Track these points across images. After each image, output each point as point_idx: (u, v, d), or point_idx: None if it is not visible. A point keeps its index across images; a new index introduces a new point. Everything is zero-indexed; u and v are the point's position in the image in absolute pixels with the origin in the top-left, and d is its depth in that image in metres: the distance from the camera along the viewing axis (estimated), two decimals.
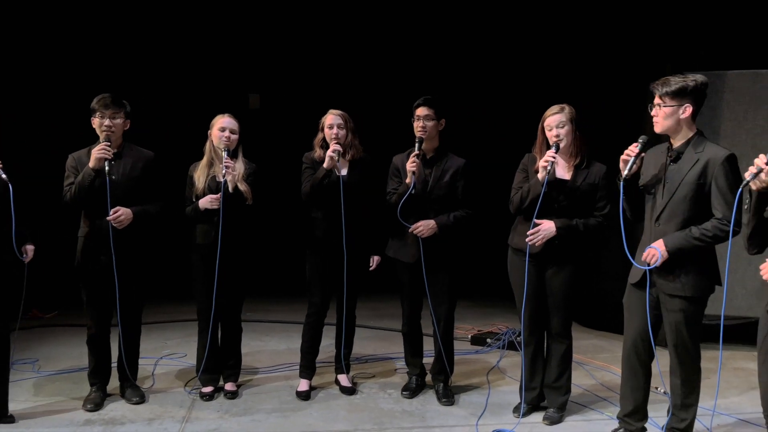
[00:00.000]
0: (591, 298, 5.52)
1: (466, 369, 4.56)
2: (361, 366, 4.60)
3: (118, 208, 3.52)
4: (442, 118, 3.83)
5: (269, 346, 5.16)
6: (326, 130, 3.86)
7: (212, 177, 3.78)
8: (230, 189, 3.68)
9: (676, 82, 2.91)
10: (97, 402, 3.71)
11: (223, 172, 3.67)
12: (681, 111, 2.93)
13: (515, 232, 3.61)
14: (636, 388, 3.15)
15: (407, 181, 3.70)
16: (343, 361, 4.10)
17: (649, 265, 2.97)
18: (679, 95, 2.90)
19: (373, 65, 7.12)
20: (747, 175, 2.43)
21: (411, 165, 3.66)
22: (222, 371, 4.01)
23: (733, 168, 2.85)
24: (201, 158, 3.85)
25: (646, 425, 3.24)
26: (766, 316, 2.50)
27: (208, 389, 3.92)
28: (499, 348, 5.07)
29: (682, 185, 2.92)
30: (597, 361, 4.77)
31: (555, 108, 3.43)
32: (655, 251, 2.93)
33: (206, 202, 3.71)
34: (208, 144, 3.84)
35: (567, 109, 3.41)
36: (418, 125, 3.77)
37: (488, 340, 5.18)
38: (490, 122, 6.95)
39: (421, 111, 3.77)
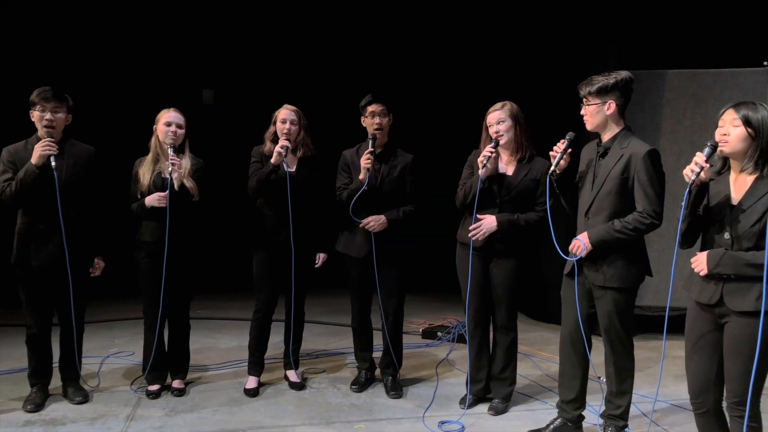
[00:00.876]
0: (538, 291, 5.63)
1: (416, 362, 4.62)
2: (312, 361, 4.61)
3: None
4: (391, 114, 3.87)
5: (220, 343, 5.12)
6: (278, 124, 3.85)
7: (158, 173, 3.73)
8: (176, 186, 3.64)
9: (598, 80, 3.02)
10: (37, 402, 3.63)
11: (169, 168, 3.63)
12: (606, 108, 3.03)
13: (462, 227, 3.67)
14: (573, 377, 3.24)
15: (361, 177, 3.72)
16: (292, 357, 4.10)
17: (575, 256, 3.06)
18: (602, 93, 3.00)
19: (324, 61, 7.10)
20: (689, 174, 2.49)
21: (366, 161, 3.69)
22: (169, 369, 3.97)
23: (654, 163, 2.95)
24: (147, 154, 3.80)
25: (584, 413, 3.34)
26: (692, 307, 2.60)
27: (154, 387, 3.88)
28: (449, 341, 5.15)
29: (608, 180, 3.02)
30: (544, 353, 4.89)
31: (497, 105, 3.50)
32: (580, 243, 3.04)
33: (153, 200, 3.65)
34: (153, 139, 3.78)
35: (508, 105, 3.49)
36: (373, 122, 3.79)
37: (439, 334, 5.25)
38: (439, 118, 7.01)
39: (374, 107, 3.80)
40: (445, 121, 7.00)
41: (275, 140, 3.84)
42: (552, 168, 3.09)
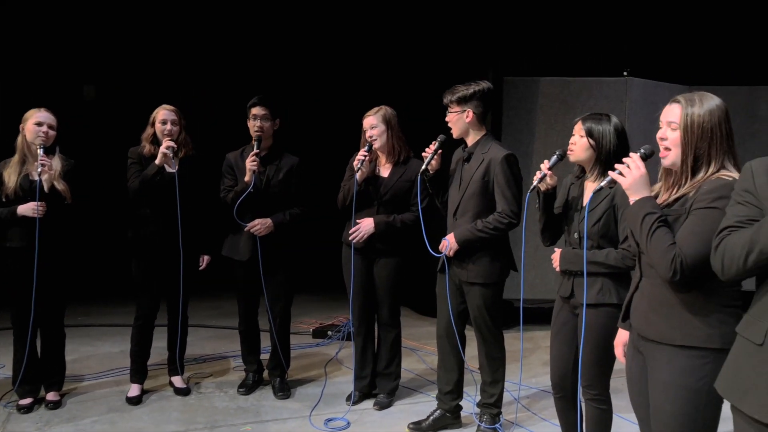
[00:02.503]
0: (425, 286, 5.83)
1: (305, 362, 4.66)
2: (198, 366, 4.54)
3: None
4: (277, 118, 3.88)
5: (101, 350, 4.92)
6: (158, 125, 3.77)
7: (25, 176, 3.54)
8: (46, 188, 3.48)
9: (459, 90, 3.21)
10: None
11: (39, 170, 3.46)
12: (465, 116, 3.22)
13: (347, 228, 3.76)
14: (449, 370, 3.42)
15: (246, 179, 3.71)
16: (177, 362, 4.03)
17: (446, 255, 3.25)
18: (462, 102, 3.20)
19: (208, 61, 6.94)
20: (534, 180, 2.74)
21: (251, 164, 3.68)
22: (43, 381, 3.78)
23: (510, 166, 3.17)
24: (12, 155, 3.59)
25: (462, 403, 3.53)
26: (557, 299, 2.83)
27: (26, 401, 3.68)
28: (339, 339, 5.23)
29: (471, 183, 3.22)
30: (429, 347, 5.07)
31: (372, 110, 3.64)
32: (446, 243, 3.23)
33: (27, 209, 3.43)
34: (20, 140, 3.58)
35: (382, 110, 3.62)
36: (255, 125, 3.79)
37: (329, 333, 5.32)
38: (326, 121, 7.04)
39: (256, 110, 3.80)
40: (333, 123, 7.05)
41: (154, 141, 3.76)
42: (423, 168, 3.26)
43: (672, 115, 1.99)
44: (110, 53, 6.91)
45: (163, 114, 3.77)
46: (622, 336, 2.32)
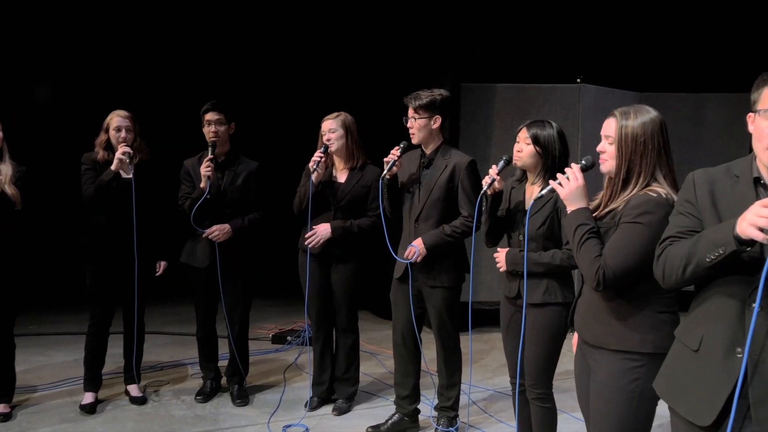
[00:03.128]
0: (385, 290, 5.87)
1: (264, 368, 4.65)
2: (156, 374, 4.48)
3: None
4: (232, 122, 3.87)
5: (54, 360, 4.81)
6: (111, 132, 3.72)
7: None
8: None
9: (426, 95, 3.23)
10: None
11: None
12: (432, 122, 3.26)
13: (303, 234, 3.77)
14: (407, 375, 3.46)
15: (202, 185, 3.69)
16: (133, 370, 3.97)
17: (411, 262, 3.28)
18: (430, 108, 3.23)
19: (163, 65, 6.84)
20: (484, 184, 2.81)
21: (206, 170, 3.66)
22: None
23: (474, 172, 3.26)
24: None
25: (419, 406, 3.57)
26: (503, 298, 2.91)
27: None
28: (298, 345, 5.22)
29: (435, 189, 3.26)
30: (388, 351, 5.08)
31: (331, 115, 3.67)
32: (414, 249, 3.25)
33: None
34: None
35: (342, 116, 3.64)
36: (209, 130, 3.77)
37: (288, 338, 5.31)
38: (285, 126, 7.01)
39: (210, 116, 3.79)
40: (292, 128, 7.01)
41: (108, 147, 3.72)
42: (384, 173, 3.27)
43: (608, 129, 2.09)
44: (62, 56, 6.75)
45: (117, 120, 3.73)
46: (576, 339, 2.40)
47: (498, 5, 5.82)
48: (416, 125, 3.26)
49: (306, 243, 3.61)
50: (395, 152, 3.26)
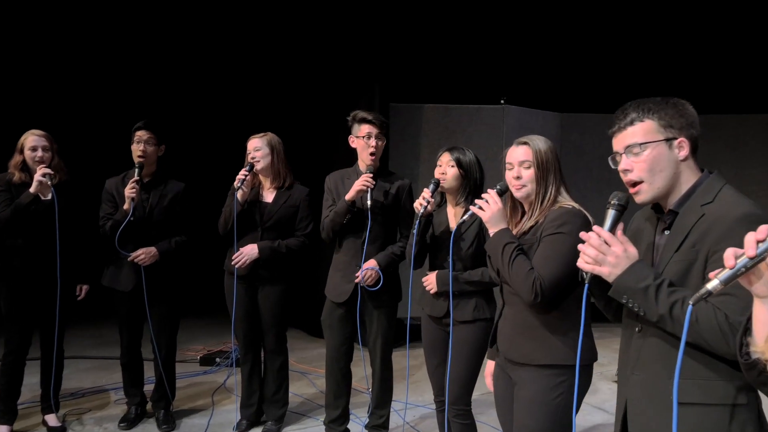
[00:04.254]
0: (316, 309, 5.87)
1: (192, 391, 4.56)
2: (76, 401, 4.32)
3: None
4: (162, 144, 3.81)
5: None
6: (27, 152, 3.59)
7: None
8: None
9: (378, 115, 3.37)
10: None
11: None
12: (383, 144, 3.38)
13: (229, 255, 3.74)
14: (339, 396, 3.49)
15: (125, 207, 3.61)
16: (51, 399, 3.82)
17: (369, 285, 3.30)
18: (386, 128, 3.38)
19: (83, 83, 6.63)
20: (418, 207, 2.85)
21: (131, 191, 3.58)
22: None
23: (412, 194, 3.36)
24: None
25: (349, 425, 3.60)
26: (425, 318, 2.99)
27: None
28: (227, 366, 5.15)
29: (381, 210, 3.33)
30: (320, 370, 5.10)
31: (258, 134, 3.66)
32: (373, 271, 3.29)
33: None
34: None
35: (268, 136, 3.66)
36: (138, 148, 3.70)
37: (217, 359, 5.23)
38: (213, 147, 6.92)
39: (141, 134, 3.72)
40: (218, 149, 6.91)
41: (24, 169, 3.59)
42: (369, 204, 3.20)
43: (524, 155, 2.24)
44: None
45: (32, 140, 3.60)
46: (490, 367, 2.49)
47: (424, 27, 5.98)
48: (380, 146, 3.36)
49: (233, 263, 3.57)
50: (370, 182, 3.20)
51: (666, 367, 1.61)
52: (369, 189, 3.21)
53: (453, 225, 2.89)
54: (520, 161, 2.24)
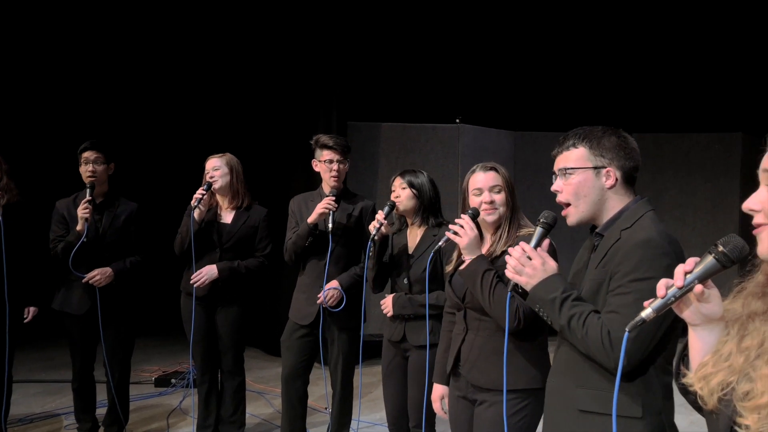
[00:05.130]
0: (275, 328, 5.84)
1: (146, 414, 4.47)
2: (24, 427, 4.19)
3: None
4: (111, 162, 3.76)
5: None
6: None
7: None
8: None
9: (341, 139, 3.39)
10: None
11: None
12: (347, 166, 3.40)
13: (186, 276, 3.70)
14: (294, 418, 3.47)
15: (78, 228, 3.55)
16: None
17: (331, 306, 3.30)
18: (348, 152, 3.37)
19: (33, 101, 6.49)
20: (372, 229, 2.89)
21: (83, 212, 3.52)
22: None
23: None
24: None
25: None
26: (385, 340, 3.00)
27: None
28: (183, 387, 5.07)
29: (344, 232, 3.35)
30: (278, 389, 5.03)
31: (216, 154, 3.65)
32: (335, 291, 3.29)
33: None
34: None
35: (227, 156, 3.66)
36: (87, 169, 3.65)
37: (173, 381, 5.15)
38: (166, 166, 6.85)
39: (89, 154, 3.67)
40: (173, 169, 6.83)
41: None
42: (330, 228, 3.20)
43: (493, 180, 2.29)
44: None
45: None
46: (438, 391, 2.50)
47: (382, 47, 6.08)
48: (342, 170, 3.36)
49: (191, 283, 3.54)
50: (333, 205, 3.22)
51: (572, 376, 1.74)
52: (331, 212, 3.23)
53: (410, 246, 2.93)
54: (490, 186, 2.28)
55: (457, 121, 5.81)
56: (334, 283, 3.31)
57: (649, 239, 1.64)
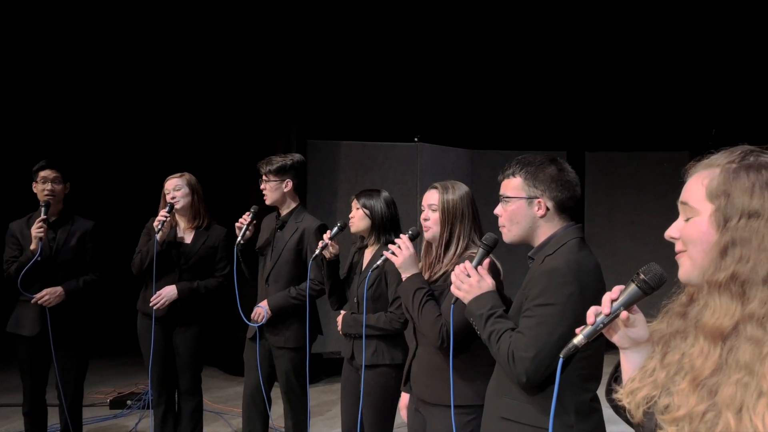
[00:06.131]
0: (233, 348, 5.79)
1: None
2: None
3: None
4: (68, 181, 3.72)
5: None
6: None
7: None
8: None
9: (277, 161, 3.39)
10: None
11: None
12: (284, 185, 3.39)
13: (143, 296, 3.67)
14: None
15: (32, 247, 3.49)
16: None
17: (257, 322, 3.32)
18: (281, 172, 3.38)
19: None
20: (317, 249, 2.99)
21: (37, 231, 3.47)
22: None
23: (321, 236, 3.37)
24: None
25: None
26: (345, 360, 3.04)
27: None
28: (139, 409, 4.98)
29: (285, 250, 3.37)
30: (237, 409, 5.02)
31: (176, 174, 3.65)
32: (261, 310, 3.33)
33: None
34: None
35: (187, 176, 3.66)
36: (44, 188, 3.60)
37: (128, 402, 5.06)
38: (121, 185, 6.77)
39: (46, 173, 3.62)
40: (130, 187, 6.75)
41: None
42: (239, 240, 3.32)
43: (432, 199, 2.38)
44: None
45: None
46: (404, 399, 2.57)
47: (341, 65, 6.15)
48: (268, 188, 3.39)
49: (151, 305, 3.51)
50: (246, 217, 3.34)
51: (499, 385, 1.90)
52: (243, 226, 3.32)
53: (364, 264, 2.98)
54: (429, 204, 2.37)
55: (416, 139, 5.89)
56: (264, 302, 3.35)
57: (555, 268, 1.78)
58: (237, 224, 3.37)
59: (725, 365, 1.00)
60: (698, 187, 1.11)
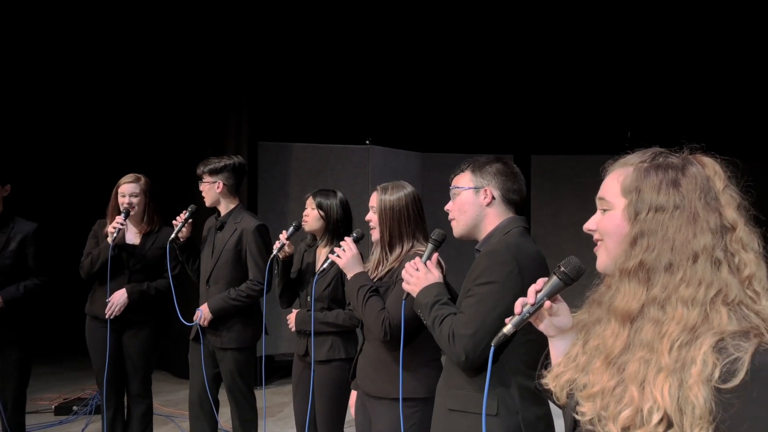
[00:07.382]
0: (182, 351, 5.72)
1: None
2: None
3: None
4: (7, 184, 3.63)
5: None
6: None
7: None
8: None
9: (211, 162, 3.42)
10: None
11: None
12: (216, 186, 3.41)
13: (91, 299, 3.62)
14: None
15: None
16: None
17: (200, 324, 3.34)
18: (213, 173, 3.40)
19: None
20: (274, 249, 3.01)
21: None
22: None
23: (262, 236, 3.40)
24: None
25: None
26: (295, 357, 3.08)
27: None
28: (86, 414, 4.88)
29: (224, 251, 3.38)
30: (187, 412, 4.96)
31: (130, 177, 3.61)
32: (200, 312, 3.34)
33: None
34: None
35: (142, 179, 3.63)
36: None
37: (74, 408, 4.95)
38: (67, 185, 6.60)
39: None
40: (74, 189, 6.60)
41: None
42: (173, 236, 3.33)
43: (373, 201, 2.46)
44: None
45: None
46: (354, 396, 2.63)
47: (293, 67, 6.17)
48: (204, 188, 3.42)
49: (107, 316, 3.47)
50: (182, 216, 3.35)
51: (447, 378, 1.97)
52: (179, 224, 3.36)
53: (318, 264, 3.03)
54: (371, 205, 2.44)
55: (367, 142, 5.96)
56: (204, 305, 3.36)
57: (495, 250, 1.87)
58: (174, 222, 3.38)
59: (632, 344, 1.10)
60: (614, 184, 1.21)
